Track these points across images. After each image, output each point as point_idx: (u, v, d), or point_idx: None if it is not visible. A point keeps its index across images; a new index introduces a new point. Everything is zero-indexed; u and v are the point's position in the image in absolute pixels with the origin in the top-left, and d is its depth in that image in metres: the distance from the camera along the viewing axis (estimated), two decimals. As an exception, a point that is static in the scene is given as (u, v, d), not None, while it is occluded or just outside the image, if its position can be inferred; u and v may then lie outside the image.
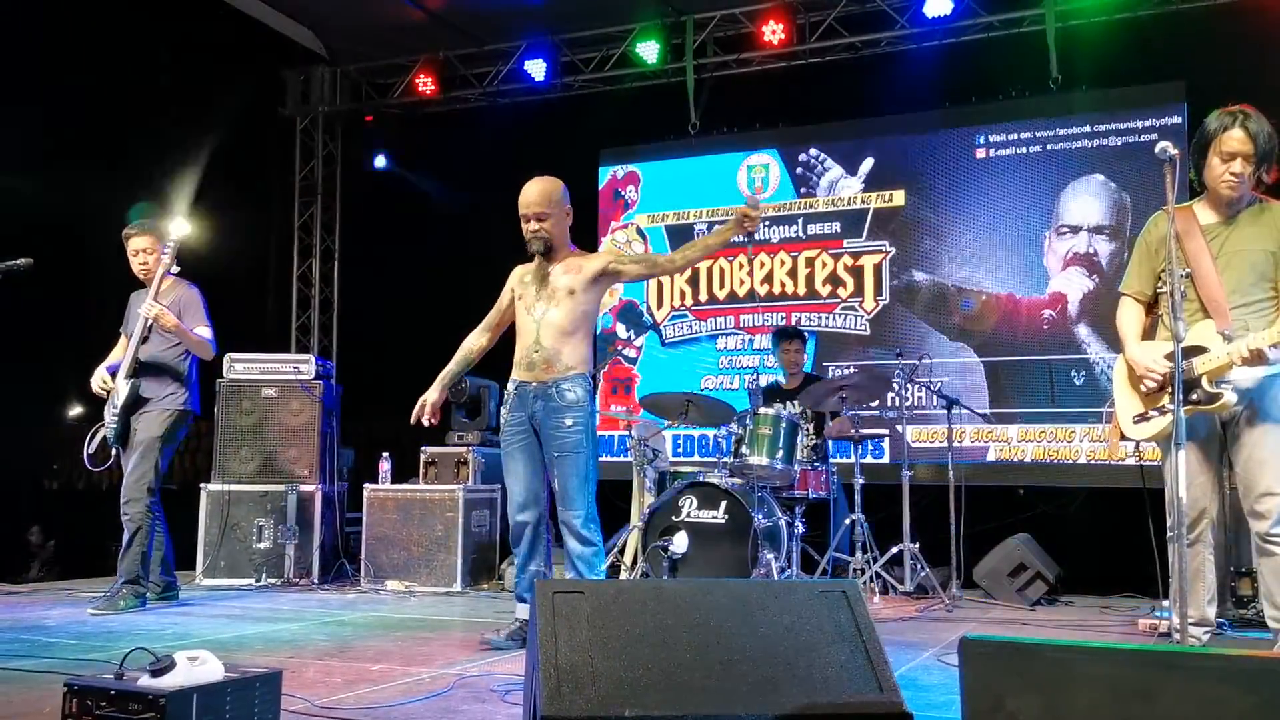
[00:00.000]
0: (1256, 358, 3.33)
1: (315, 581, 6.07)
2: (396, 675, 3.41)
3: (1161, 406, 3.56)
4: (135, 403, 4.97)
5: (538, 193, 4.11)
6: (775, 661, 2.12)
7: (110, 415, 4.94)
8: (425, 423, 4.24)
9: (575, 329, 4.06)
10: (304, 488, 6.20)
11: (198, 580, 6.01)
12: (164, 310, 4.88)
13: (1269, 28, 6.08)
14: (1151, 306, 3.77)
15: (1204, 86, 6.23)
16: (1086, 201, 6.59)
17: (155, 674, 2.41)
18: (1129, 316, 3.79)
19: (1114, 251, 6.50)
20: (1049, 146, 6.72)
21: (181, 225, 5.14)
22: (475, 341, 4.38)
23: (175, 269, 5.06)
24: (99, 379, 5.02)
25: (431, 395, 4.25)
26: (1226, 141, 3.49)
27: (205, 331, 5.08)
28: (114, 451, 4.99)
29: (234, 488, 6.18)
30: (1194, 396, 3.45)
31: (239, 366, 6.33)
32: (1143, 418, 3.66)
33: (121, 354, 5.09)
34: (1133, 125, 6.48)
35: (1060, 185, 6.65)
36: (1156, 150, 3.21)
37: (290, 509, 6.13)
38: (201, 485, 6.25)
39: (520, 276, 4.23)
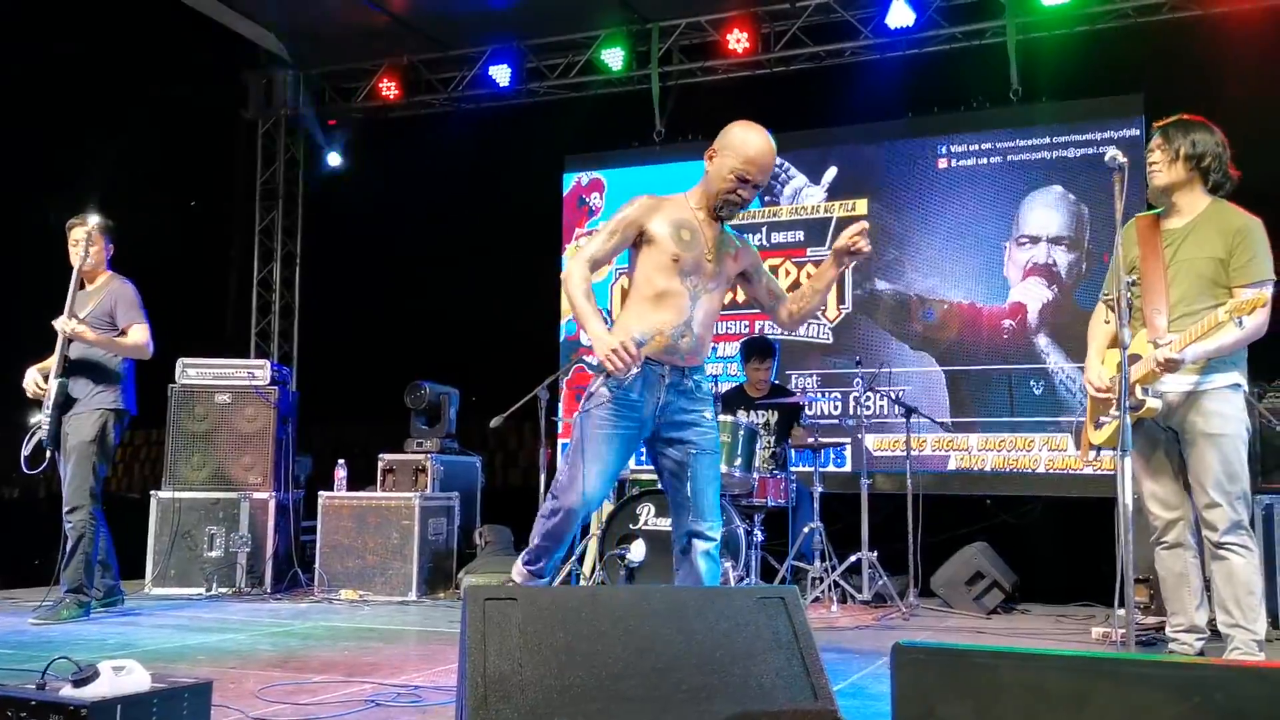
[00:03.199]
0: (1169, 365, 3.35)
1: (268, 591, 5.98)
2: (338, 686, 3.35)
3: (1109, 414, 3.59)
4: (66, 403, 4.81)
5: (772, 156, 3.26)
6: (711, 669, 2.08)
7: (45, 416, 4.81)
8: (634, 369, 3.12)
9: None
10: (257, 495, 6.11)
11: (147, 589, 5.90)
12: (81, 327, 4.72)
13: (1226, 42, 6.15)
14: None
15: (1162, 99, 6.27)
16: (1046, 212, 6.62)
17: (78, 684, 2.34)
18: (1096, 324, 3.83)
19: (1073, 262, 6.54)
20: (1009, 157, 6.76)
21: (97, 218, 4.99)
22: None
23: (89, 263, 4.92)
24: (31, 380, 4.88)
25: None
26: (1148, 145, 3.69)
27: (140, 333, 4.90)
28: (50, 454, 4.87)
29: (185, 495, 6.08)
30: (1129, 403, 3.47)
31: (191, 371, 6.23)
32: (1099, 424, 3.70)
33: None
34: (1091, 137, 6.53)
35: (1020, 196, 6.68)
36: (1106, 158, 3.22)
37: (243, 517, 6.04)
38: (152, 492, 6.14)
39: (676, 228, 3.22)
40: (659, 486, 5.19)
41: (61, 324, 4.74)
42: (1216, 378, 3.45)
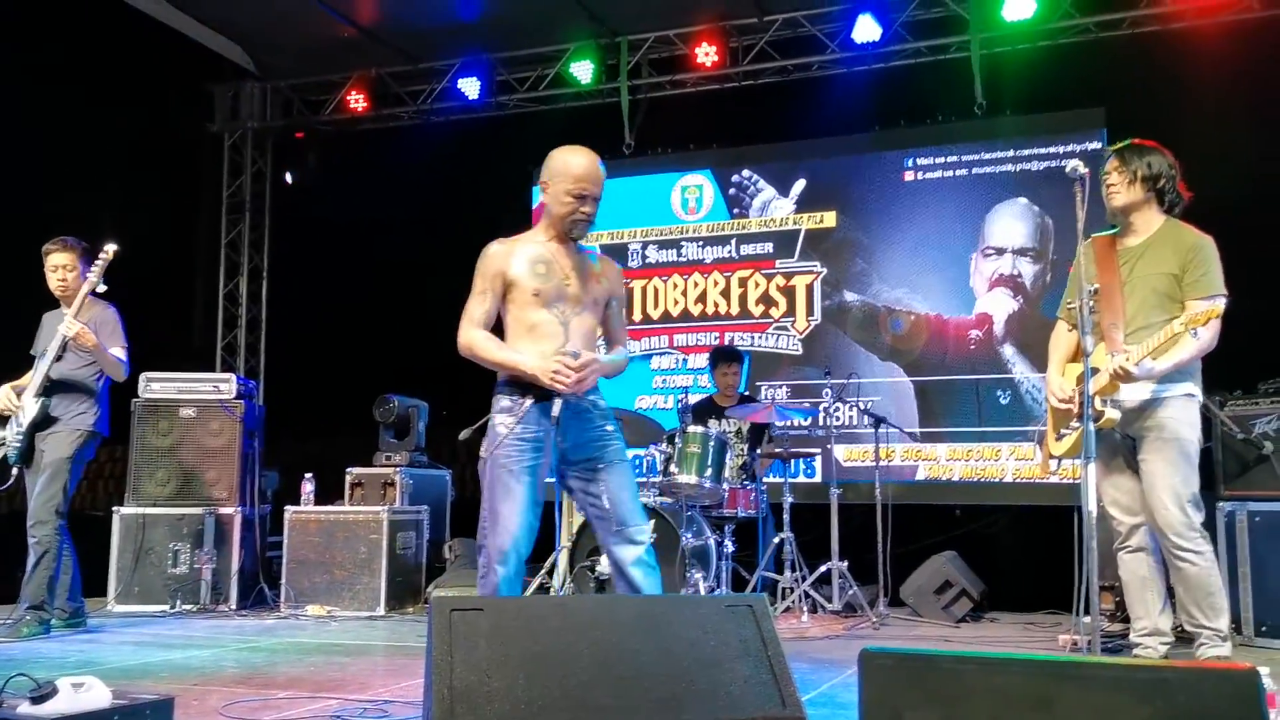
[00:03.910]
0: (1124, 376, 3.46)
1: (233, 607, 5.90)
2: (304, 703, 3.31)
3: (1070, 425, 3.70)
4: (44, 421, 4.83)
5: (599, 169, 3.39)
6: (679, 677, 2.08)
7: (13, 434, 4.79)
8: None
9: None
10: (223, 510, 6.04)
11: (109, 607, 5.82)
12: (84, 328, 4.77)
13: (1184, 57, 6.26)
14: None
15: (1123, 113, 6.39)
16: (1011, 224, 6.70)
17: (36, 701, 2.30)
18: (1056, 338, 3.92)
19: (1037, 273, 6.61)
20: (974, 170, 6.83)
21: (110, 245, 5.01)
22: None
23: (102, 287, 4.94)
24: (3, 397, 4.86)
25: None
26: (1104, 168, 3.80)
27: (121, 353, 4.98)
28: (15, 471, 4.82)
29: (149, 511, 6.00)
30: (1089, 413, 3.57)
31: (156, 386, 6.15)
32: (1059, 436, 3.76)
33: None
34: (1054, 150, 6.61)
35: (985, 208, 6.75)
36: (1068, 170, 3.31)
37: (208, 532, 5.97)
38: (115, 509, 6.05)
39: (531, 264, 3.28)
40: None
41: (65, 326, 4.75)
42: (1172, 387, 3.57)
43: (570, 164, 3.34)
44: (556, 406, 3.15)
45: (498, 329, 3.35)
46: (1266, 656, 4.25)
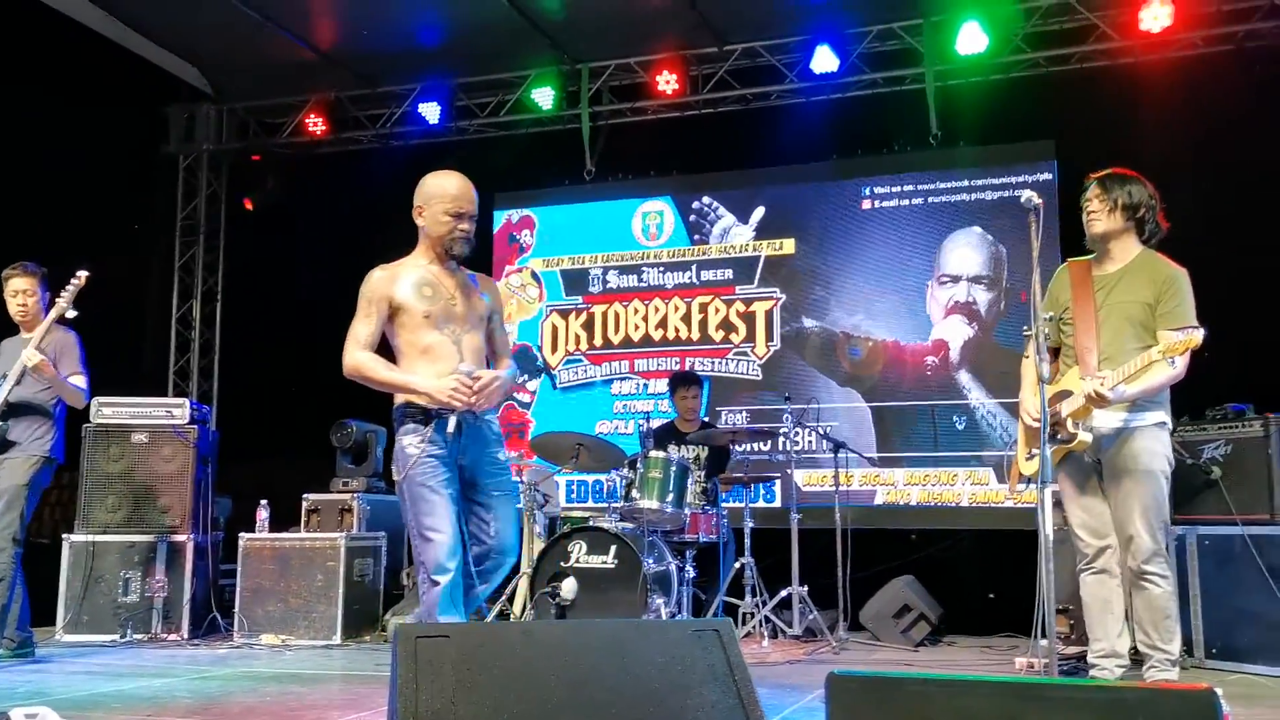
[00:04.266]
0: (1098, 400, 3.53)
1: (185, 636, 5.79)
2: (261, 731, 3.25)
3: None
4: (1, 446, 4.79)
5: (472, 189, 3.51)
6: (646, 702, 2.08)
7: None
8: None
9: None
10: (175, 538, 5.93)
11: (58, 636, 5.68)
12: (45, 359, 4.74)
13: (1132, 91, 6.42)
14: (1057, 352, 3.94)
15: (1074, 144, 6.55)
16: (965, 252, 6.81)
17: (-14, 733, 2.24)
18: (1030, 362, 3.94)
19: (992, 300, 6.72)
20: (930, 199, 6.95)
21: (79, 272, 4.95)
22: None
23: (72, 313, 4.87)
24: None
25: None
26: (1083, 197, 3.83)
27: (80, 380, 4.94)
28: None
29: (99, 538, 5.87)
30: (1060, 436, 3.69)
31: (107, 410, 6.04)
32: (1030, 456, 3.84)
33: None
34: (1007, 180, 6.75)
35: (941, 236, 6.87)
36: (1022, 200, 3.39)
37: (159, 560, 5.86)
38: (64, 536, 5.92)
39: (418, 288, 3.40)
40: (590, 524, 5.21)
41: (27, 356, 4.70)
42: (1146, 415, 3.64)
43: (445, 186, 3.47)
44: (452, 423, 3.24)
45: (386, 353, 3.42)
46: (1217, 678, 4.33)
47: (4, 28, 6.72)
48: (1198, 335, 3.37)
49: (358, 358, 3.34)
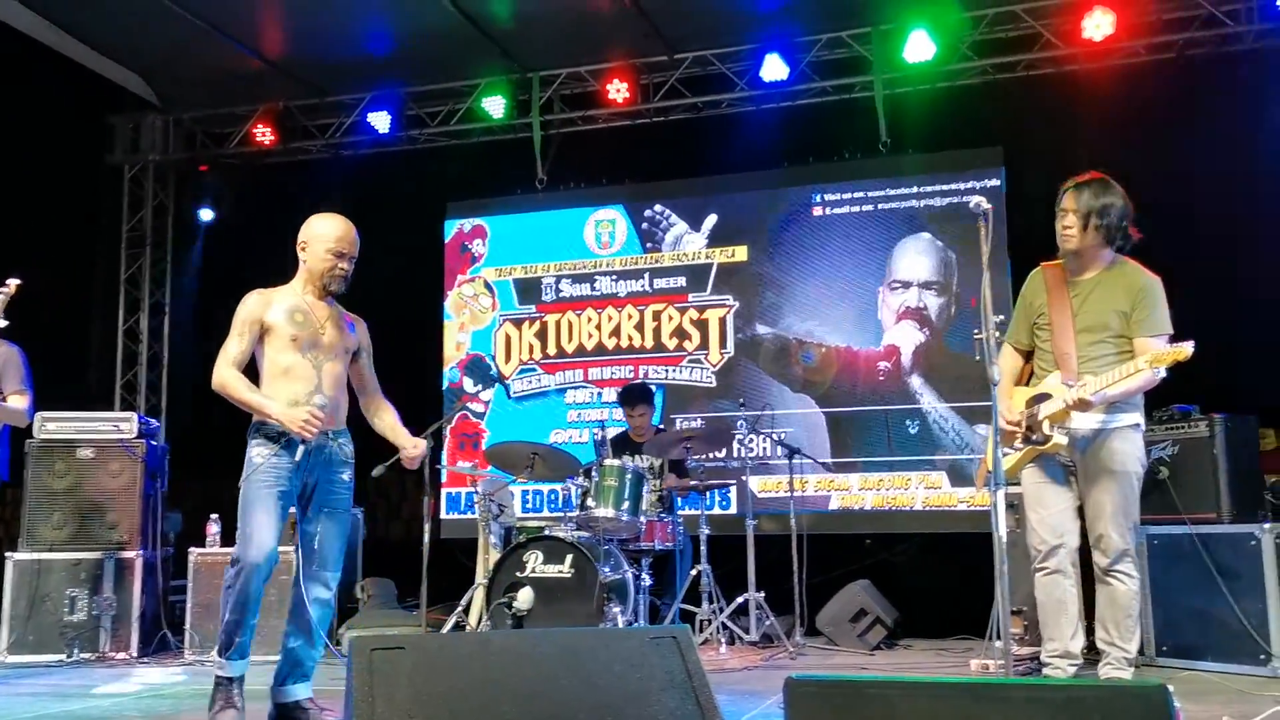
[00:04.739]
0: (1081, 405, 3.60)
1: (134, 655, 5.67)
2: (213, 750, 3.18)
3: (1014, 445, 3.83)
4: None
5: (354, 232, 3.87)
6: (604, 711, 2.06)
7: None
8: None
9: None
10: (123, 554, 5.80)
11: (2, 657, 5.52)
12: None
13: (1078, 98, 6.54)
14: (1030, 355, 3.98)
15: (1023, 151, 6.67)
16: (916, 258, 6.89)
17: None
18: (1003, 363, 3.98)
19: (942, 305, 6.80)
20: (880, 206, 7.02)
21: (12, 279, 4.79)
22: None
23: (3, 323, 4.72)
24: None
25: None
26: (1059, 204, 3.85)
27: (20, 401, 4.75)
28: None
29: (44, 556, 5.73)
30: (1034, 438, 3.77)
31: (51, 426, 5.90)
32: (1004, 453, 3.87)
33: None
34: (956, 186, 6.84)
35: (891, 242, 6.94)
36: (971, 205, 3.45)
37: (107, 578, 5.73)
38: (7, 554, 5.76)
39: (290, 313, 3.71)
40: (545, 533, 5.18)
41: None
42: (1122, 417, 3.71)
43: (330, 228, 3.82)
44: (299, 452, 3.58)
45: (252, 371, 3.70)
46: (1168, 676, 4.41)
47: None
48: (1186, 348, 3.42)
49: (225, 374, 3.62)
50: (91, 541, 5.82)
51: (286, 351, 3.68)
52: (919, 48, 6.66)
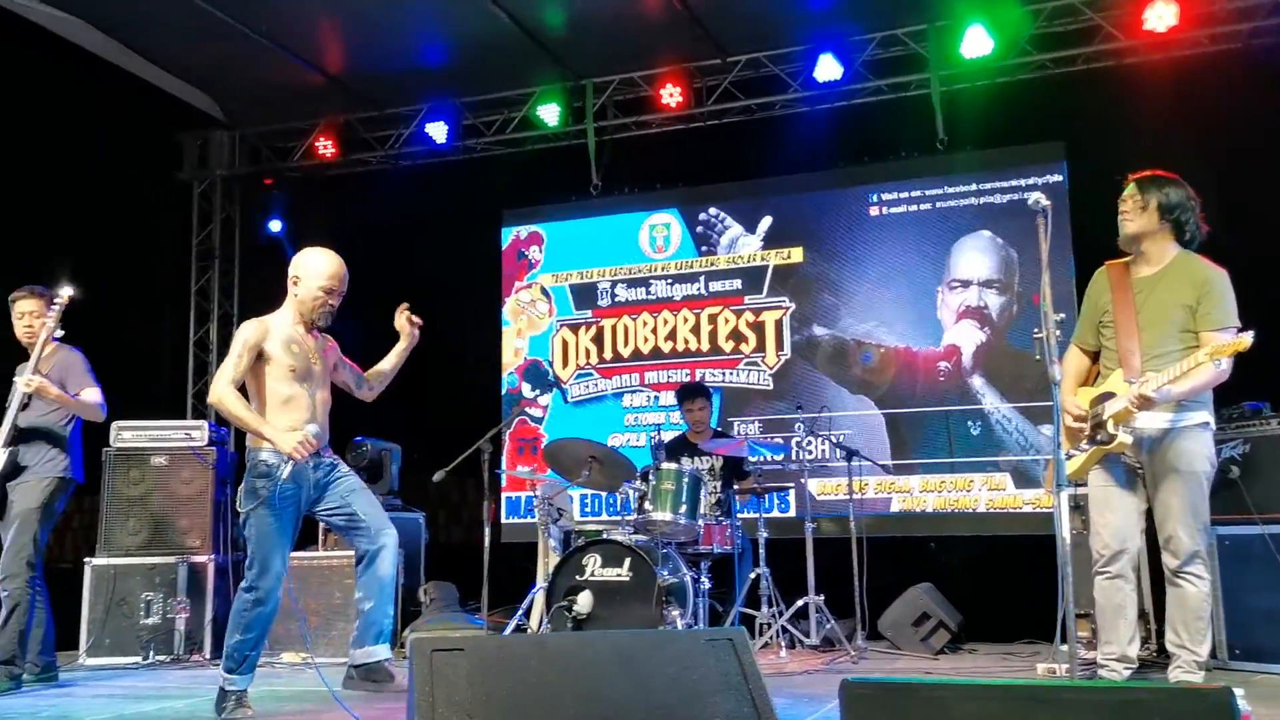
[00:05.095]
0: (1144, 402, 3.55)
1: (207, 657, 5.82)
2: (282, 750, 3.27)
3: (1080, 446, 3.79)
4: (13, 471, 4.76)
5: (345, 270, 4.12)
6: (660, 712, 2.08)
7: None
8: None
9: None
10: (196, 559, 5.97)
11: (81, 660, 5.71)
12: (43, 382, 4.70)
13: (1140, 91, 6.42)
14: (1097, 356, 3.95)
15: (1084, 145, 6.55)
16: (975, 257, 6.80)
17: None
18: (1067, 363, 3.96)
19: (1003, 305, 6.71)
20: (938, 204, 6.94)
21: (65, 289, 4.97)
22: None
23: (59, 333, 4.89)
24: None
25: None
26: (1122, 195, 3.83)
27: (93, 394, 4.90)
28: None
29: (121, 561, 5.91)
30: (1099, 438, 3.72)
31: (127, 434, 6.09)
32: (1068, 455, 3.84)
33: None
34: (1016, 183, 6.74)
35: (950, 241, 6.86)
36: (1030, 202, 3.41)
37: (181, 581, 5.89)
38: (86, 560, 5.96)
39: (287, 344, 3.96)
40: (604, 537, 5.21)
41: (23, 381, 4.69)
42: (1190, 416, 3.65)
43: (323, 265, 4.01)
44: (286, 470, 3.79)
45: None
46: (1240, 679, 4.30)
47: (22, 61, 6.82)
48: (1246, 338, 3.36)
49: (224, 391, 3.83)
50: (165, 547, 5.99)
51: (284, 382, 3.92)
52: (976, 43, 6.58)
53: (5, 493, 4.77)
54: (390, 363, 4.39)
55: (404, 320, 4.34)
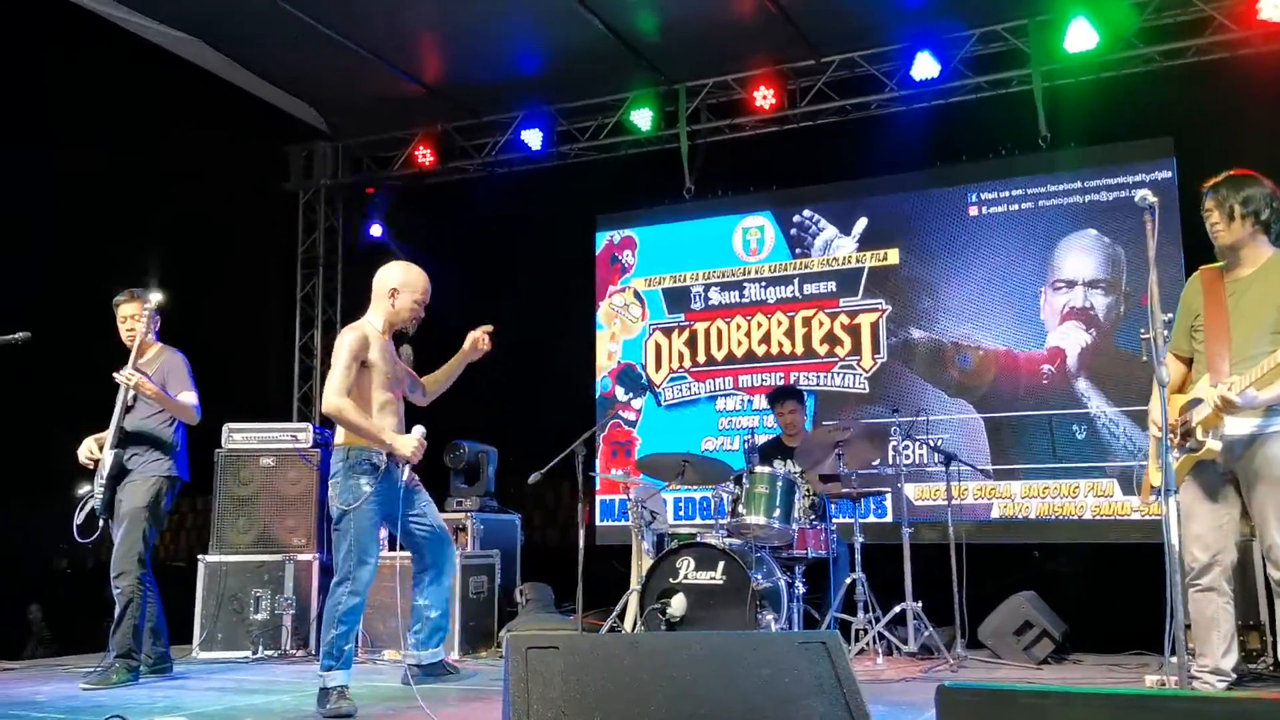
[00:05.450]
0: (1227, 406, 3.45)
1: (312, 652, 5.99)
2: (383, 743, 3.35)
3: (1170, 455, 3.64)
4: (121, 473, 4.93)
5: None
6: (752, 714, 2.08)
7: (97, 487, 4.91)
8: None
9: None
10: (301, 557, 6.16)
11: (194, 654, 5.95)
12: (142, 378, 4.85)
13: (1253, 83, 6.16)
14: (1191, 362, 3.86)
15: (1193, 140, 6.31)
16: (1080, 256, 6.61)
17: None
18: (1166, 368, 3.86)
19: (1110, 305, 6.50)
20: (1041, 203, 6.77)
21: (154, 294, 5.15)
22: None
23: (151, 337, 5.07)
24: (85, 449, 5.01)
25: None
26: (1204, 205, 3.76)
27: (190, 397, 5.05)
28: (101, 522, 4.95)
29: (231, 559, 6.14)
30: (1189, 445, 3.63)
31: (237, 436, 6.33)
32: (1159, 467, 3.74)
33: None
34: (1123, 180, 6.53)
35: (1054, 240, 6.68)
36: (1137, 199, 3.32)
37: (287, 579, 6.09)
38: (199, 557, 6.21)
39: (382, 354, 4.28)
40: (698, 540, 5.21)
41: (124, 375, 4.86)
42: (1278, 421, 3.51)
43: (419, 280, 4.38)
44: (406, 472, 4.20)
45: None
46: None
47: (141, 79, 7.17)
48: None
49: (341, 402, 4.07)
50: (273, 545, 6.20)
51: (381, 389, 4.20)
52: (1080, 38, 6.40)
53: (115, 493, 4.94)
54: (448, 372, 4.66)
55: (480, 335, 4.58)
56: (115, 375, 4.91)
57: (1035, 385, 6.60)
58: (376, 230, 8.70)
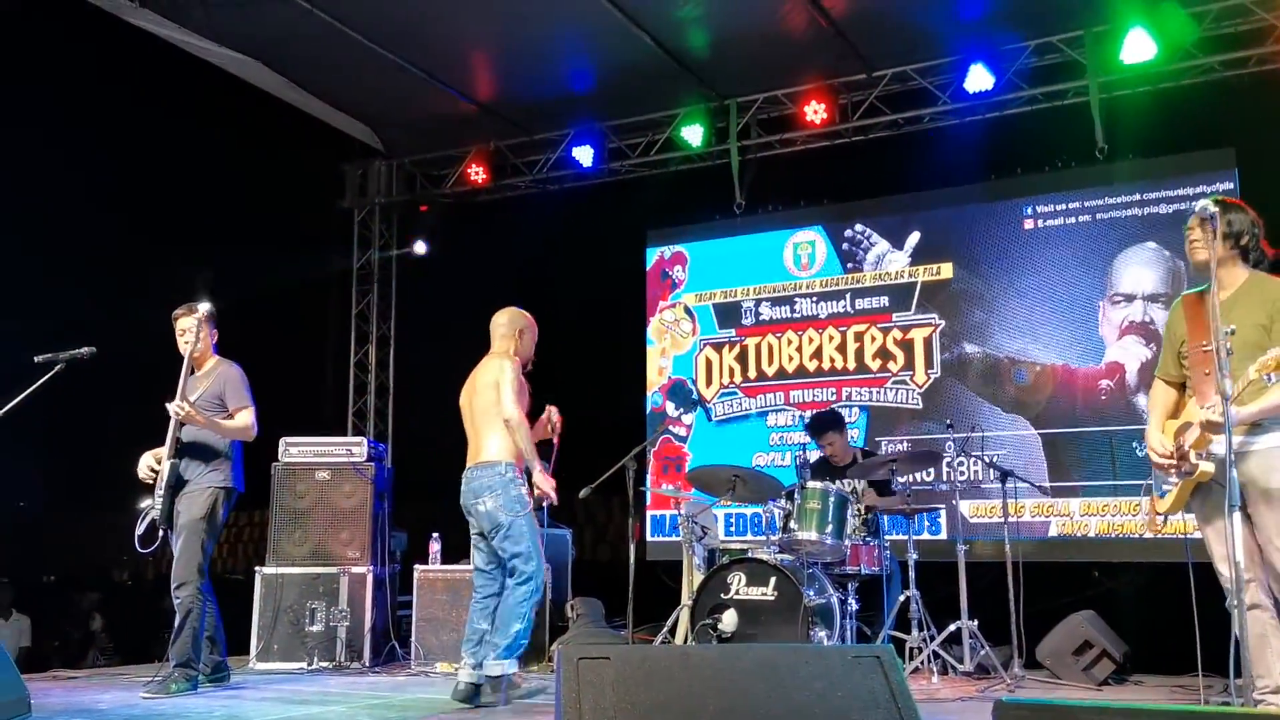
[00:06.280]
0: (1212, 427, 3.45)
1: (366, 664, 6.05)
2: (435, 754, 3.37)
3: (1170, 480, 3.77)
4: (178, 484, 5.00)
5: None
6: (805, 729, 2.06)
7: (156, 498, 4.99)
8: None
9: None
10: (355, 570, 6.22)
11: (251, 664, 6.03)
12: (191, 410, 4.92)
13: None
14: (1184, 387, 3.88)
15: (1257, 152, 6.17)
16: (1140, 270, 6.49)
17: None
18: (1153, 398, 3.99)
19: (1170, 319, 6.36)
20: (1099, 215, 6.66)
21: (203, 304, 5.22)
22: None
23: (198, 349, 5.14)
24: (145, 466, 5.09)
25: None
26: (1187, 224, 3.84)
27: (245, 416, 5.10)
28: (161, 533, 5.04)
29: (287, 571, 6.22)
30: (1185, 469, 3.67)
31: (293, 450, 6.43)
32: (1161, 493, 3.85)
33: None
34: (1183, 192, 6.40)
35: (1112, 254, 6.57)
36: (1197, 208, 3.29)
37: (342, 591, 6.16)
38: (256, 568, 6.30)
39: (524, 380, 4.86)
40: (749, 555, 5.18)
41: (174, 408, 4.95)
42: (1260, 439, 3.54)
43: (536, 327, 4.99)
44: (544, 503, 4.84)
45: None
46: None
47: (203, 100, 7.35)
48: None
49: (522, 418, 4.67)
50: (328, 558, 6.27)
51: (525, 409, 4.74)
52: (1138, 48, 6.31)
53: (174, 504, 5.01)
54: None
55: (552, 416, 4.97)
56: (167, 405, 4.98)
57: (1093, 401, 6.48)
58: (420, 248, 8.76)
